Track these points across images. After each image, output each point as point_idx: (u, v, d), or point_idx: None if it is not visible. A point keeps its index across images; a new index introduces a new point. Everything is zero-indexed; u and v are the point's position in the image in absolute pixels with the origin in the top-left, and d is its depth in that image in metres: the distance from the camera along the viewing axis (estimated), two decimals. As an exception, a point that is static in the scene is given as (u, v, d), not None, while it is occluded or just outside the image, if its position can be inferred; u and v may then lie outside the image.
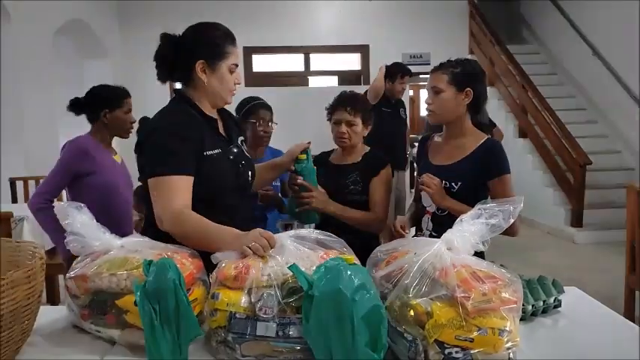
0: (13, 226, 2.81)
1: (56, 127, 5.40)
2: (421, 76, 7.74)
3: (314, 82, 8.01)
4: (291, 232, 1.22)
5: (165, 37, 1.52)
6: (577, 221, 5.29)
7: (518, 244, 4.31)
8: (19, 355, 1.08)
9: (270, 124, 2.39)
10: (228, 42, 1.52)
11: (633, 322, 1.26)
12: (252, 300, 1.05)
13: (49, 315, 1.29)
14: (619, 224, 3.80)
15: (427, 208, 1.77)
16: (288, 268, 1.03)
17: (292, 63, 7.87)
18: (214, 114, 1.60)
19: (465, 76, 1.70)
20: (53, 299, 3.42)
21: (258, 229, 1.25)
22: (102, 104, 2.34)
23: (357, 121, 1.98)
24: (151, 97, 2.56)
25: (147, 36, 8.85)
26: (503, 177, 1.68)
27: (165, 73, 1.53)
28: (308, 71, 7.89)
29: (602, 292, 3.56)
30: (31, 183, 4.14)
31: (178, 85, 1.61)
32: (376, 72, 4.28)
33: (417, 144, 4.69)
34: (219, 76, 1.51)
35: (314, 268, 1.05)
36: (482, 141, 1.74)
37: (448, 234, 1.08)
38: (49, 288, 3.46)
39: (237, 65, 1.55)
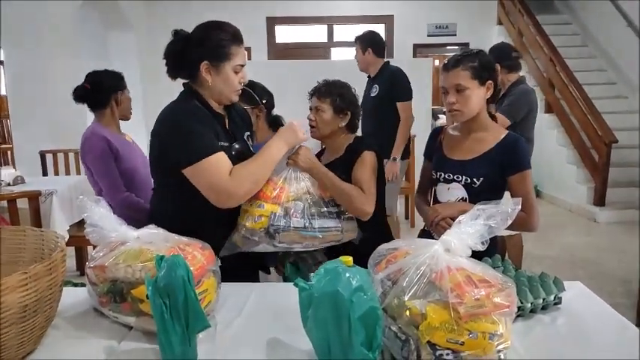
0: (42, 200, 2.92)
1: (82, 99, 5.49)
2: (448, 47, 7.61)
3: (336, 53, 7.92)
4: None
5: (176, 34, 1.57)
6: (600, 200, 5.22)
7: (538, 223, 4.30)
8: (43, 339, 1.17)
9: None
10: (234, 43, 1.56)
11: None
12: (285, 209, 1.54)
13: (72, 297, 1.38)
14: (643, 204, 3.74)
15: None
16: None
17: (315, 34, 7.78)
18: (221, 110, 1.67)
19: (484, 69, 1.66)
20: (82, 269, 3.60)
21: (287, 124, 1.63)
22: (111, 88, 2.41)
23: (325, 107, 1.87)
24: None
25: (171, 9, 8.83)
26: (523, 173, 1.65)
27: (173, 70, 1.59)
28: (331, 42, 7.81)
29: (619, 274, 3.57)
30: (60, 156, 4.27)
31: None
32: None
33: (441, 116, 4.40)
34: (224, 77, 1.56)
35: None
36: (503, 136, 1.70)
37: (446, 235, 1.10)
38: (79, 258, 3.63)
39: (242, 65, 1.59)
